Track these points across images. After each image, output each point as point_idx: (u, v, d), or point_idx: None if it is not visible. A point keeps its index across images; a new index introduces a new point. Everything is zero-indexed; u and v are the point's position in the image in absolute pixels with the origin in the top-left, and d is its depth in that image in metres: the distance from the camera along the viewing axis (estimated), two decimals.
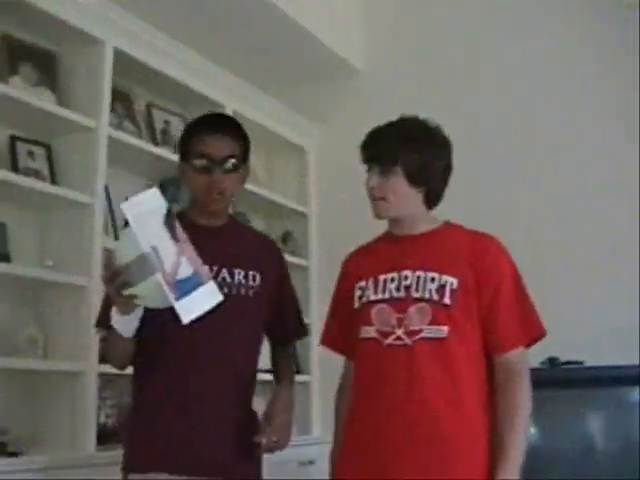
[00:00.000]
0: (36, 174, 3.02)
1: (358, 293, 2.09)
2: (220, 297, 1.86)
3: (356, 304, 2.09)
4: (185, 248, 1.83)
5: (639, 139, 3.60)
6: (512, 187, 3.86)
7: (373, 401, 2.02)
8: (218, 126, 2.14)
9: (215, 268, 2.09)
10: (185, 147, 2.16)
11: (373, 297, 2.05)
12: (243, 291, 2.14)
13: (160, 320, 1.91)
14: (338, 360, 2.27)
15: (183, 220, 1.97)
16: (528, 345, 2.03)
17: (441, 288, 1.97)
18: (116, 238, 1.94)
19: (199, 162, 2.10)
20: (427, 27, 4.30)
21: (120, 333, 1.96)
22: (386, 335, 1.99)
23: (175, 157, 3.54)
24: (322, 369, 4.25)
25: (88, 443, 2.86)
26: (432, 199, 2.08)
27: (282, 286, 2.30)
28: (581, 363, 3.27)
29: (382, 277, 2.04)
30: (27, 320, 3.02)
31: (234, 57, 3.91)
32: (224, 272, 2.13)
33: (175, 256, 1.78)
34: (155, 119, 3.71)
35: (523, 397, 1.96)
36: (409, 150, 2.01)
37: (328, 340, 2.26)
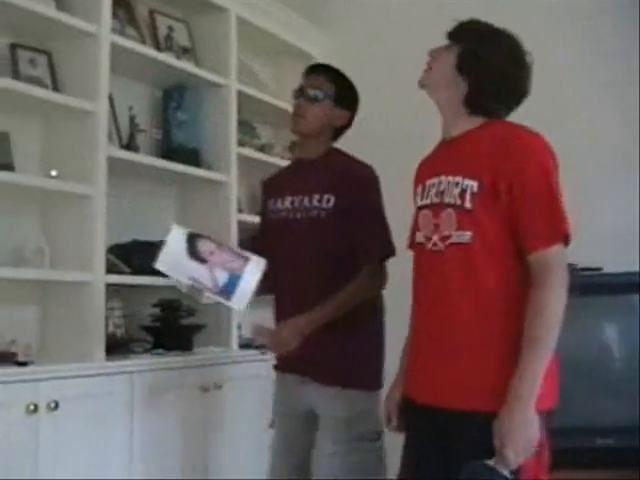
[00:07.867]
0: (38, 82, 2.94)
1: (416, 198, 2.09)
2: (262, 263, 2.21)
3: (414, 209, 2.10)
4: (214, 259, 2.21)
5: None
6: None
7: (418, 305, 2.06)
8: (316, 67, 2.67)
9: (289, 198, 2.53)
10: None
11: (420, 202, 2.04)
12: (315, 213, 2.46)
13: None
14: None
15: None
16: (564, 243, 1.88)
17: (463, 193, 1.90)
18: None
19: (295, 92, 2.61)
20: None
21: None
22: (428, 240, 1.98)
23: (179, 63, 3.49)
24: None
25: (97, 353, 2.87)
26: (473, 98, 1.97)
27: (358, 208, 2.47)
28: (599, 269, 3.21)
29: (428, 182, 2.02)
30: (33, 231, 3.00)
31: None
32: (289, 199, 2.53)
33: (208, 273, 2.20)
34: (158, 25, 3.61)
35: (552, 296, 1.81)
36: (471, 34, 1.99)
37: (409, 245, 2.20)
